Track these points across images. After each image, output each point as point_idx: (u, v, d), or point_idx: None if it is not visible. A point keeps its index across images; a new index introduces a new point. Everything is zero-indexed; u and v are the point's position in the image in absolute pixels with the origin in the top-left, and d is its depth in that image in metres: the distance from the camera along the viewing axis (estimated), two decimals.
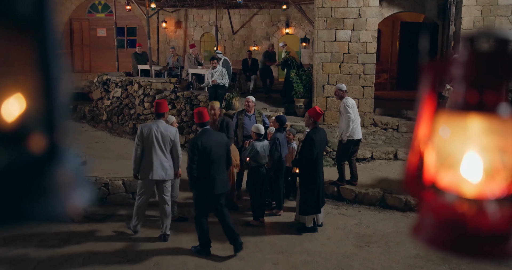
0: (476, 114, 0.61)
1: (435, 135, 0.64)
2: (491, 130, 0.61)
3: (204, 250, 5.39)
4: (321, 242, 5.81)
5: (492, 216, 0.60)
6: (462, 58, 0.61)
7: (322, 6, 9.86)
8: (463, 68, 0.61)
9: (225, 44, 16.83)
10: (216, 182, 5.16)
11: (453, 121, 0.62)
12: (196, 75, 11.90)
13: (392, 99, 12.23)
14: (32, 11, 0.41)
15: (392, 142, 9.30)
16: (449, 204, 0.61)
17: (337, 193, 7.34)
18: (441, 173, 0.63)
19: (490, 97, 0.60)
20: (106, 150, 9.98)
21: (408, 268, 5.15)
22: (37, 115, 0.42)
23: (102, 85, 13.46)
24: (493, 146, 0.60)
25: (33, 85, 0.42)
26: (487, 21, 9.55)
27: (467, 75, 0.61)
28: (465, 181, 0.62)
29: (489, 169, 0.61)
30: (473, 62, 0.61)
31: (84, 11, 17.97)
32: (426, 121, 0.64)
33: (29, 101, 0.42)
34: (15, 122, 0.42)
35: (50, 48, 0.42)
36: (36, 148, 0.42)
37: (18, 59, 0.41)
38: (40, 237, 5.79)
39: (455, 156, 0.62)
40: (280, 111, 10.31)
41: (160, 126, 5.62)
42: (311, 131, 5.95)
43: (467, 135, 0.62)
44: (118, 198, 7.16)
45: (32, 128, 0.42)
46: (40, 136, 0.42)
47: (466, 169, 0.62)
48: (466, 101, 0.61)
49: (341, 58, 9.94)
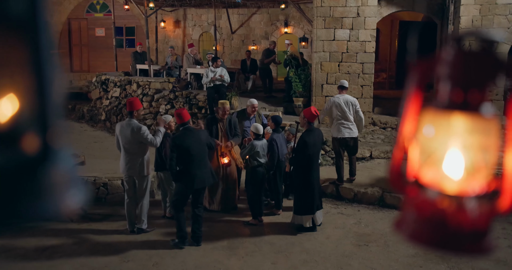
0: (460, 113, 0.63)
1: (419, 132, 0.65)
2: (474, 129, 0.62)
3: (181, 243, 5.60)
4: (320, 241, 5.81)
5: (472, 212, 0.61)
6: (448, 58, 0.62)
7: (321, 5, 9.86)
8: (449, 67, 0.62)
9: (223, 43, 16.82)
10: (196, 177, 5.46)
11: (438, 119, 0.63)
12: (195, 75, 11.90)
13: (391, 98, 12.23)
14: (25, 11, 0.41)
15: (391, 141, 9.31)
16: (431, 200, 0.63)
17: (336, 192, 7.35)
18: (424, 170, 0.65)
19: (475, 97, 0.61)
20: (105, 150, 9.97)
21: (407, 267, 5.16)
22: (30, 115, 0.42)
23: (100, 85, 13.45)
24: (475, 144, 0.62)
25: (26, 85, 0.42)
26: (486, 20, 9.55)
27: (452, 75, 0.62)
28: (447, 178, 0.63)
29: (470, 167, 0.63)
30: (459, 62, 0.62)
31: (82, 10, 17.95)
32: (412, 118, 0.65)
33: (23, 101, 0.42)
34: (8, 122, 0.42)
35: (43, 48, 0.42)
36: (29, 148, 0.42)
37: (11, 59, 0.41)
38: (39, 238, 5.79)
39: (438, 154, 0.63)
40: (279, 110, 10.31)
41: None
42: (304, 133, 5.94)
43: (450, 133, 0.63)
44: (117, 198, 7.15)
45: (25, 128, 0.42)
46: (33, 136, 0.42)
47: (448, 166, 0.64)
48: (450, 99, 0.62)
49: (340, 57, 9.95)
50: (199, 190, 5.61)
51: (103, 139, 11.48)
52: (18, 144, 0.42)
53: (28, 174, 0.43)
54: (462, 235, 0.60)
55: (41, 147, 0.43)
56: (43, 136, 0.43)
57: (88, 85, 15.03)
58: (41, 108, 0.42)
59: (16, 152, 0.42)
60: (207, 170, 5.65)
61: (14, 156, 0.41)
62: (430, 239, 0.61)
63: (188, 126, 5.61)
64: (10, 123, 0.42)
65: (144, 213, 5.96)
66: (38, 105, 0.42)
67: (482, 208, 0.62)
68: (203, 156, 5.59)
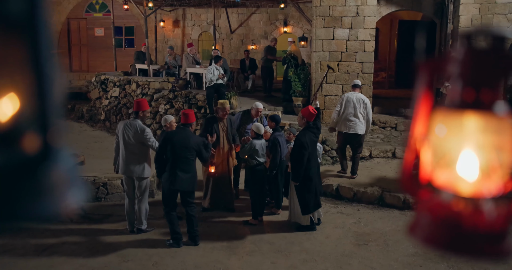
0: (472, 112, 0.61)
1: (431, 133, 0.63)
2: (488, 128, 0.60)
3: (176, 243, 5.58)
4: (319, 241, 5.81)
5: (489, 214, 0.59)
6: (459, 56, 0.61)
7: (320, 5, 9.85)
8: (460, 66, 0.61)
9: (223, 43, 16.81)
10: (176, 178, 5.39)
11: (450, 119, 0.62)
12: (194, 75, 11.89)
13: (390, 97, 12.23)
14: (25, 11, 0.41)
15: (390, 141, 9.31)
16: (445, 203, 0.61)
17: (335, 191, 7.35)
18: (437, 172, 0.63)
19: (487, 95, 0.60)
20: (105, 150, 9.96)
21: (406, 266, 5.16)
22: (31, 115, 0.42)
23: (100, 85, 13.43)
24: (489, 144, 0.60)
25: (26, 85, 0.42)
26: (485, 19, 9.55)
27: (464, 73, 0.61)
28: (462, 179, 0.62)
29: (485, 167, 0.61)
30: (470, 60, 0.61)
31: (81, 10, 17.93)
32: (423, 119, 0.64)
33: (23, 101, 0.42)
34: (8, 122, 0.41)
35: (43, 48, 0.42)
36: (30, 148, 0.42)
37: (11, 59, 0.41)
38: (38, 238, 5.78)
39: (452, 155, 0.62)
40: (278, 110, 10.31)
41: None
42: (300, 133, 5.94)
43: (463, 133, 0.61)
44: (117, 198, 7.15)
45: (26, 127, 0.42)
46: (34, 136, 0.42)
47: (462, 167, 0.62)
48: (462, 99, 0.61)
49: (339, 57, 9.94)
50: (182, 192, 5.52)
51: (103, 139, 11.47)
52: (19, 144, 0.41)
53: (28, 174, 0.42)
54: (478, 238, 0.59)
55: (42, 147, 0.42)
56: (44, 136, 0.42)
57: (87, 85, 15.02)
58: (41, 107, 0.42)
59: (17, 151, 0.41)
60: (189, 175, 5.47)
61: (14, 155, 0.41)
62: (446, 243, 0.59)
63: (186, 127, 5.56)
64: (10, 123, 0.41)
65: (143, 214, 5.93)
66: (39, 105, 0.42)
67: (498, 209, 0.60)
68: (187, 159, 5.43)
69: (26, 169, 0.42)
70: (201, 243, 5.67)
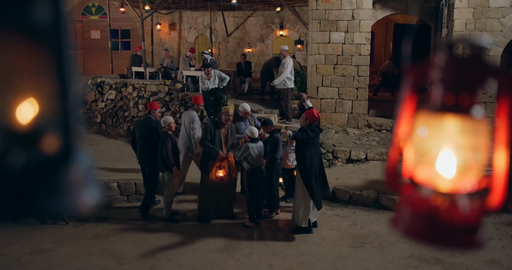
0: (452, 115, 0.67)
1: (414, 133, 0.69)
2: (465, 130, 0.66)
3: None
4: (316, 243, 5.84)
5: (464, 208, 0.65)
6: (440, 63, 0.66)
7: (316, 8, 9.92)
8: (442, 72, 0.66)
9: (219, 46, 16.85)
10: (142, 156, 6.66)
11: (431, 121, 0.67)
12: (191, 77, 11.91)
13: (386, 100, 12.31)
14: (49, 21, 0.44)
15: (386, 143, 9.36)
16: (425, 198, 0.67)
17: (332, 194, 7.38)
18: (418, 169, 0.69)
19: (465, 100, 0.65)
20: (101, 153, 9.95)
21: (402, 268, 5.20)
22: (51, 118, 0.45)
23: (96, 88, 13.42)
24: (466, 144, 0.66)
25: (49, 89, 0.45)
26: (479, 23, 9.65)
27: (444, 79, 0.66)
28: (440, 176, 0.67)
29: (462, 166, 0.67)
30: (451, 67, 0.66)
31: (77, 13, 17.92)
32: (406, 120, 0.69)
33: (43, 105, 0.45)
34: (30, 124, 0.44)
35: (65, 55, 0.45)
36: (50, 149, 0.45)
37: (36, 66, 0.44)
38: (35, 241, 5.77)
39: (432, 154, 0.67)
40: (275, 112, 10.35)
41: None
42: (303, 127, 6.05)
43: (443, 134, 0.67)
44: (113, 201, 7.15)
45: (46, 129, 0.45)
46: (53, 138, 0.45)
47: (441, 165, 0.68)
48: (443, 102, 0.66)
49: (335, 60, 10.01)
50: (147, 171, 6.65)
51: (99, 142, 11.46)
52: (39, 145, 0.45)
53: (48, 174, 0.45)
54: (454, 230, 0.64)
55: (61, 148, 0.45)
56: (63, 137, 0.45)
57: (83, 88, 14.99)
58: (61, 110, 0.45)
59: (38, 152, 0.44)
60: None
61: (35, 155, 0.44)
62: (424, 234, 0.64)
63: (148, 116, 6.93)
64: (31, 125, 0.44)
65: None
66: (59, 108, 0.45)
67: (473, 204, 0.66)
68: (147, 142, 6.58)
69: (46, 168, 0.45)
70: (197, 245, 5.68)
